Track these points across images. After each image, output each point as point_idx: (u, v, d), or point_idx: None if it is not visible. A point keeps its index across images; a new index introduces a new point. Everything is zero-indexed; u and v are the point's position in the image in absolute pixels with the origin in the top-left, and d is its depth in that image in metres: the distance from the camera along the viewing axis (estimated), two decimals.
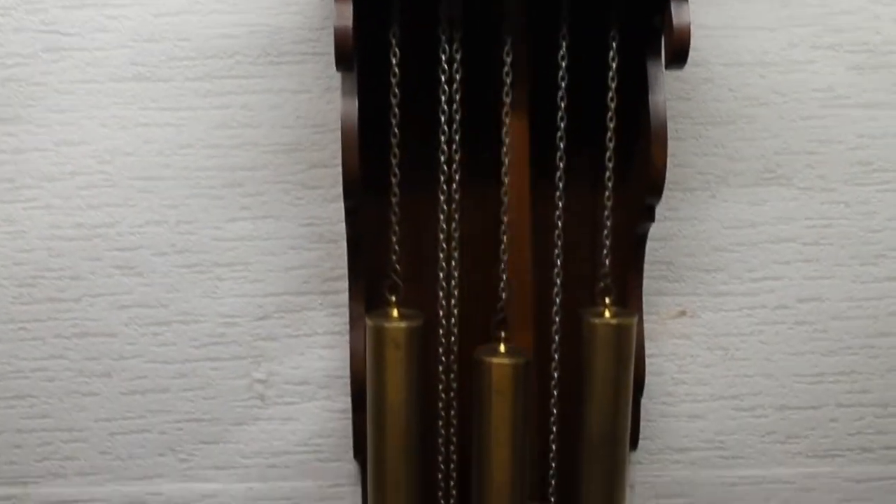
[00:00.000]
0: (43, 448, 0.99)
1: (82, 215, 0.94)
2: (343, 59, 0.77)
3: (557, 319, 0.87)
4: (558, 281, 0.86)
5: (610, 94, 0.83)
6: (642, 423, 0.99)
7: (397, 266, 0.85)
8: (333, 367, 0.98)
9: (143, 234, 0.95)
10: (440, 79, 0.83)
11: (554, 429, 0.89)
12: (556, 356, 0.87)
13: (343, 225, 0.90)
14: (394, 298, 0.86)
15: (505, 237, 0.86)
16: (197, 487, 1.01)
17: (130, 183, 0.94)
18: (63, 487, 1.00)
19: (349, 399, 0.95)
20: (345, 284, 0.94)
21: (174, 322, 0.96)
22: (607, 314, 0.85)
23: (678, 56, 0.79)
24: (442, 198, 0.84)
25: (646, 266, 0.94)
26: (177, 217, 0.94)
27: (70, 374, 0.97)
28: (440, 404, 0.88)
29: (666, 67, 0.81)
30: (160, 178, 0.94)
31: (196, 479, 1.00)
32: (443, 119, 0.83)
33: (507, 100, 0.84)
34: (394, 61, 0.82)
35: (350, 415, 0.96)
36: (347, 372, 0.94)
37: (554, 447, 0.89)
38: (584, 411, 0.87)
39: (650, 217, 0.89)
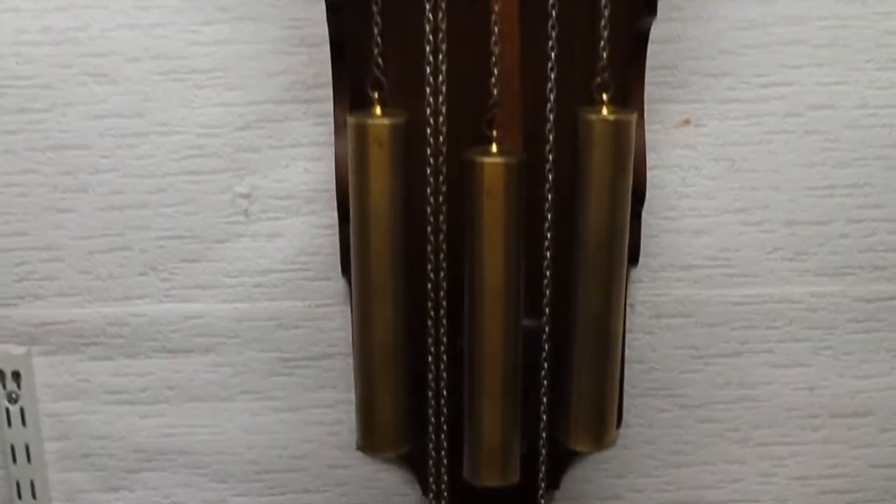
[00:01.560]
0: (20, 268, 0.96)
1: (50, 18, 0.89)
2: None
3: (551, 118, 0.81)
4: (552, 76, 0.81)
5: None
6: (643, 240, 0.94)
7: (380, 60, 0.80)
8: (319, 180, 0.93)
9: (114, 38, 0.89)
10: None
11: (548, 235, 0.84)
12: (551, 157, 0.82)
13: (326, 26, 0.84)
14: (377, 95, 0.81)
15: (496, 28, 0.80)
16: (180, 308, 0.97)
17: None
18: (43, 309, 0.97)
19: (336, 214, 0.91)
20: (329, 92, 0.89)
21: (151, 133, 0.92)
22: (605, 111, 0.80)
23: None
24: None
25: (648, 71, 0.88)
26: (150, 20, 0.89)
27: (45, 189, 0.93)
28: (428, 210, 0.84)
29: None
30: None
31: (179, 300, 0.97)
32: None
33: None
34: None
35: (337, 230, 0.92)
36: (334, 185, 0.90)
37: (548, 255, 0.85)
38: (580, 216, 0.82)
39: (652, 11, 0.84)
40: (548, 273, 0.85)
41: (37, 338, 0.98)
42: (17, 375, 0.99)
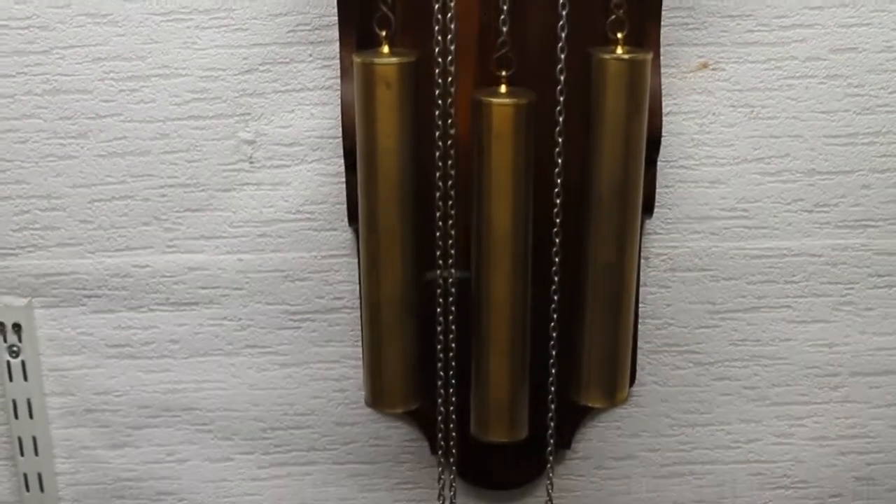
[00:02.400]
0: (20, 217, 0.94)
1: None
2: None
3: (563, 58, 0.79)
4: (564, 13, 0.78)
5: None
6: (659, 190, 0.92)
7: None
8: (326, 126, 0.91)
9: None
10: None
11: (559, 181, 0.81)
12: (562, 99, 0.79)
13: None
14: (384, 33, 0.78)
15: None
16: (183, 259, 0.95)
17: None
18: (44, 259, 0.95)
19: (343, 161, 0.88)
20: (336, 33, 0.86)
21: (153, 76, 0.89)
22: (619, 50, 0.78)
23: None
24: None
25: (663, 11, 0.85)
26: None
27: (44, 135, 0.91)
28: (437, 153, 0.81)
29: None
30: None
31: (182, 250, 0.95)
32: None
33: None
34: None
35: (344, 179, 0.89)
36: (340, 131, 0.87)
37: (558, 202, 0.82)
38: (593, 160, 0.80)
39: None
40: (557, 220, 0.82)
41: (38, 289, 0.96)
42: (17, 328, 0.97)
